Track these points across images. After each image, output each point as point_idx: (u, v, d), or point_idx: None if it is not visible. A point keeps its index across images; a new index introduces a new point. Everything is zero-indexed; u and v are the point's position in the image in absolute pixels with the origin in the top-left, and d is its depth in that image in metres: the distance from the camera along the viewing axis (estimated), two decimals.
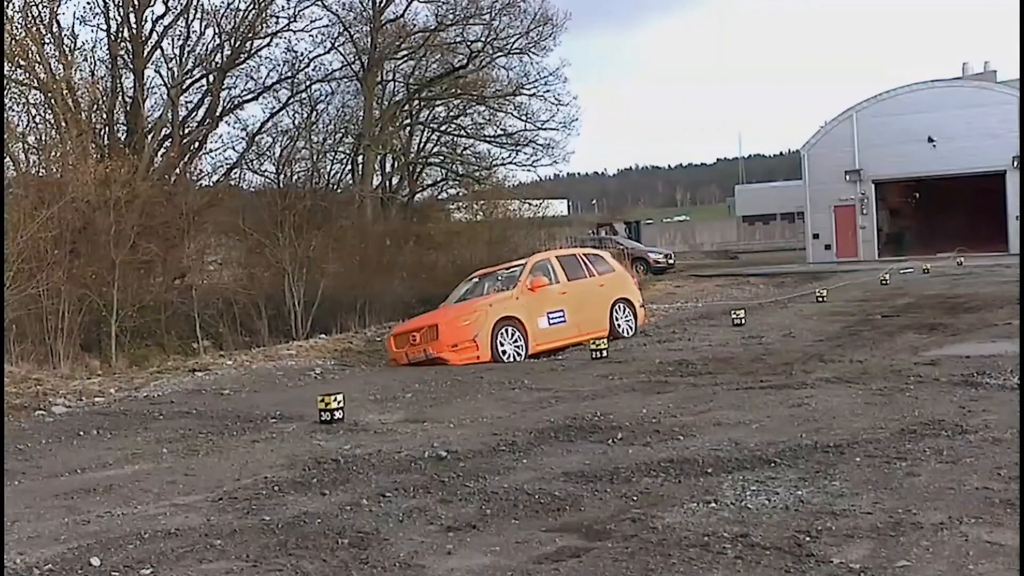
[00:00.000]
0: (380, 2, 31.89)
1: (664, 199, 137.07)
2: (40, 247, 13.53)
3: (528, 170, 37.19)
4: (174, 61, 25.74)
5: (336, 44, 30.99)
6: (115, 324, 15.22)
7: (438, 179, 36.12)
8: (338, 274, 21.77)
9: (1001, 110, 32.76)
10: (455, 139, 36.03)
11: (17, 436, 8.45)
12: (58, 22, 22.06)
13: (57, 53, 21.34)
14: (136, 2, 23.96)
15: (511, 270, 16.20)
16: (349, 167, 32.40)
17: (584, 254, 17.33)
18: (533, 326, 14.64)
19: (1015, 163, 32.29)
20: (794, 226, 56.47)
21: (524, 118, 34.61)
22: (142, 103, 24.25)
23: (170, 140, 25.02)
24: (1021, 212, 31.70)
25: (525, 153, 35.37)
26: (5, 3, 18.39)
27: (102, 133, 22.74)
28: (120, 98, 23.91)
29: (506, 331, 14.35)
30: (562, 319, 15.08)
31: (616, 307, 16.14)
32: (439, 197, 35.93)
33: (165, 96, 25.56)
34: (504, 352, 14.19)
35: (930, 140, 35.07)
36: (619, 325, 16.08)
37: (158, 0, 24.54)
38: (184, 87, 26.10)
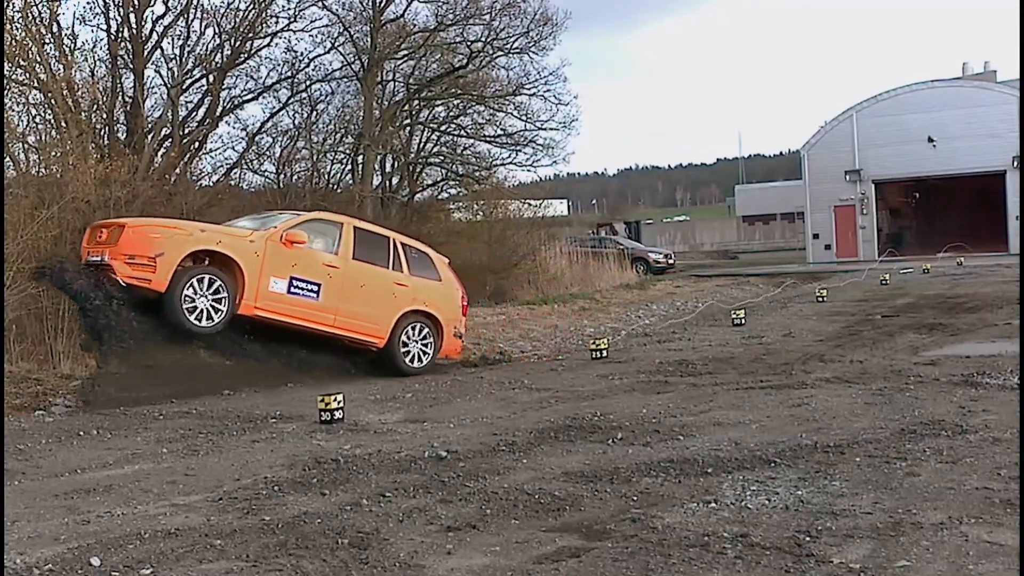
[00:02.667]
0: (380, 2, 31.87)
1: (664, 199, 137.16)
2: (40, 247, 13.52)
3: (528, 170, 37.14)
4: (174, 61, 25.71)
5: (336, 44, 30.96)
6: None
7: (438, 179, 36.09)
8: None
9: (1001, 110, 32.81)
10: (455, 139, 36.00)
11: (17, 436, 8.45)
12: (58, 22, 22.00)
13: (57, 53, 21.31)
14: (136, 2, 23.94)
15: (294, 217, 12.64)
16: (349, 167, 32.37)
17: (404, 243, 13.24)
18: (261, 284, 11.31)
19: (1015, 163, 32.31)
20: (794, 226, 56.54)
21: (524, 118, 34.59)
22: (142, 103, 24.23)
23: (170, 140, 24.99)
24: (1021, 212, 31.72)
25: (525, 153, 35.34)
26: (5, 3, 18.40)
27: (102, 133, 22.70)
28: (120, 98, 23.88)
29: (205, 280, 10.91)
30: (313, 294, 11.75)
31: (409, 322, 12.59)
32: (439, 197, 35.89)
33: (165, 96, 25.54)
34: (189, 301, 10.76)
35: (930, 140, 35.09)
36: (406, 347, 12.57)
37: (158, 0, 24.53)
38: (184, 87, 26.07)
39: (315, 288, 11.80)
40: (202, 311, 10.88)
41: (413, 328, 12.67)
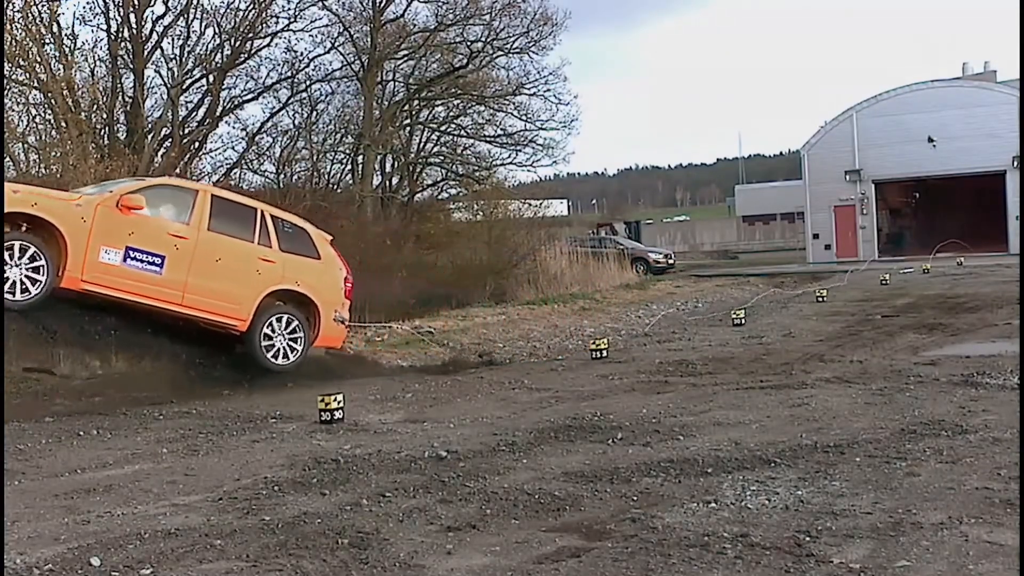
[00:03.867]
0: (380, 2, 31.91)
1: (664, 199, 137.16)
2: None
3: (528, 170, 37.23)
4: (174, 61, 25.75)
5: (336, 44, 31.02)
6: None
7: (438, 179, 36.15)
8: None
9: (1001, 110, 32.83)
10: (455, 139, 36.06)
11: (17, 436, 8.45)
12: (58, 22, 22.06)
13: (57, 53, 21.33)
14: (136, 2, 23.96)
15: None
16: (349, 167, 32.42)
17: (276, 216, 11.80)
18: (89, 253, 10.00)
19: (1015, 163, 32.32)
20: (794, 226, 56.55)
21: (524, 118, 34.66)
22: (142, 103, 24.26)
23: (170, 140, 25.02)
24: (1021, 212, 31.74)
25: (525, 153, 35.42)
26: (5, 3, 18.39)
27: (102, 133, 22.73)
28: (120, 98, 23.91)
29: (16, 247, 9.58)
30: (156, 267, 10.41)
31: (277, 311, 11.26)
32: (439, 197, 35.95)
33: (165, 96, 25.57)
34: None
35: (930, 140, 35.10)
36: (270, 338, 11.21)
37: (158, 0, 24.56)
38: (184, 87, 26.10)
39: (158, 260, 10.45)
40: (15, 282, 9.59)
41: (279, 320, 11.27)
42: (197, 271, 10.73)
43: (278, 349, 11.30)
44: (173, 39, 25.56)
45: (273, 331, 11.25)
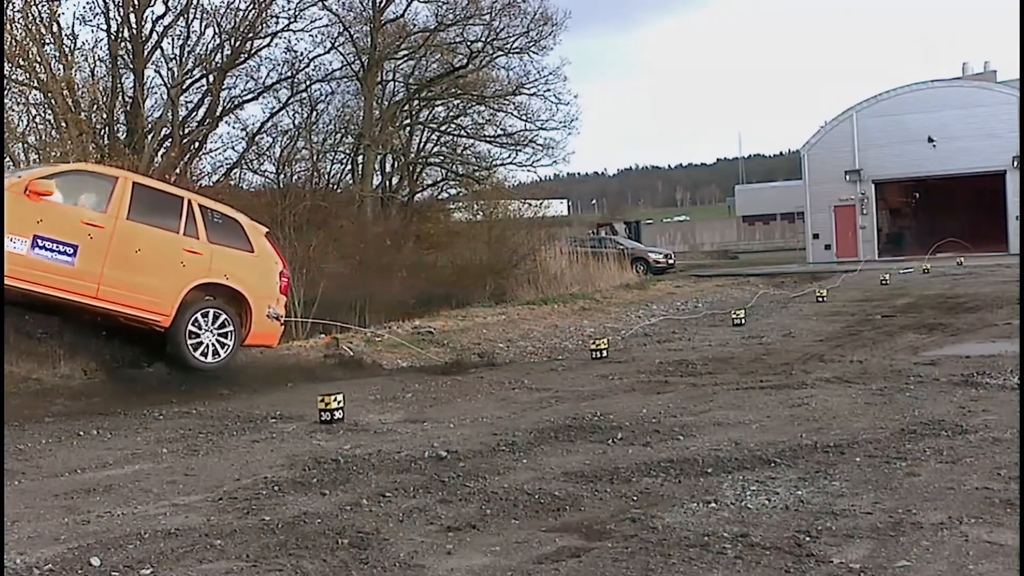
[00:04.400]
0: (380, 2, 31.94)
1: (664, 199, 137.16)
2: None
3: (528, 170, 37.26)
4: (174, 61, 25.77)
5: (336, 44, 31.07)
6: None
7: (438, 179, 36.18)
8: (338, 274, 21.78)
9: (1001, 110, 32.83)
10: (455, 139, 36.08)
11: (17, 436, 8.45)
12: (58, 22, 22.05)
13: (57, 53, 21.33)
14: (136, 2, 23.97)
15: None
16: (349, 167, 32.46)
17: (205, 206, 11.21)
18: None
19: (1015, 163, 32.32)
20: (794, 226, 56.53)
21: (524, 118, 34.71)
22: (142, 103, 24.27)
23: (170, 140, 25.04)
24: (1021, 212, 31.74)
25: (525, 153, 35.46)
26: (5, 3, 18.39)
27: (102, 133, 22.72)
28: (120, 98, 23.92)
29: None
30: (67, 258, 9.74)
31: (204, 306, 10.70)
32: (439, 197, 35.98)
33: (165, 96, 25.59)
34: None
35: (930, 140, 35.10)
36: (196, 335, 10.57)
37: (158, 0, 24.57)
38: (184, 87, 26.11)
39: (69, 250, 9.75)
40: None
41: (206, 316, 10.66)
42: (114, 262, 10.06)
43: (206, 346, 10.67)
44: (173, 39, 25.61)
45: (200, 327, 10.61)
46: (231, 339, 10.87)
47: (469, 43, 32.63)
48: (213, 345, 10.74)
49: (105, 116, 23.13)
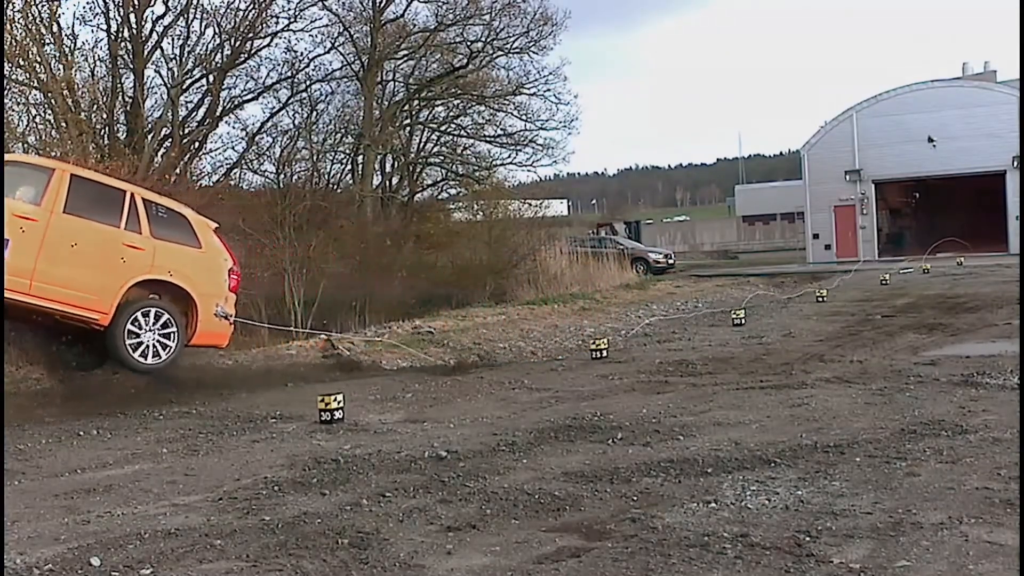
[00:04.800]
0: (380, 2, 31.94)
1: (664, 199, 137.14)
2: None
3: (528, 170, 37.26)
4: (174, 61, 25.77)
5: (336, 44, 31.08)
6: None
7: (438, 179, 36.18)
8: (338, 274, 21.78)
9: (1001, 110, 32.83)
10: (455, 139, 36.09)
11: (17, 436, 8.45)
12: (58, 22, 22.06)
13: (57, 53, 21.33)
14: (136, 2, 23.97)
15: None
16: (349, 167, 32.47)
17: (149, 200, 10.75)
18: None
19: (1015, 163, 32.32)
20: (794, 226, 56.52)
21: (524, 118, 34.71)
22: (142, 103, 24.27)
23: (170, 140, 25.04)
24: (1021, 212, 31.74)
25: (525, 153, 35.45)
26: (5, 3, 18.39)
27: (102, 133, 22.73)
28: (120, 98, 23.92)
29: None
30: None
31: (145, 304, 10.24)
32: (439, 197, 35.98)
33: (165, 96, 25.60)
34: None
35: (930, 140, 35.10)
36: (137, 334, 10.15)
37: (158, 0, 24.57)
38: (184, 87, 26.12)
39: None
40: None
41: (147, 314, 10.17)
42: (48, 257, 9.65)
43: (146, 346, 10.19)
44: (173, 39, 25.61)
45: (140, 326, 10.13)
46: (174, 340, 10.39)
47: (469, 43, 32.64)
48: (154, 346, 10.28)
49: (105, 116, 23.14)
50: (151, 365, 10.29)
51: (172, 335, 10.35)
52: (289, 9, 28.10)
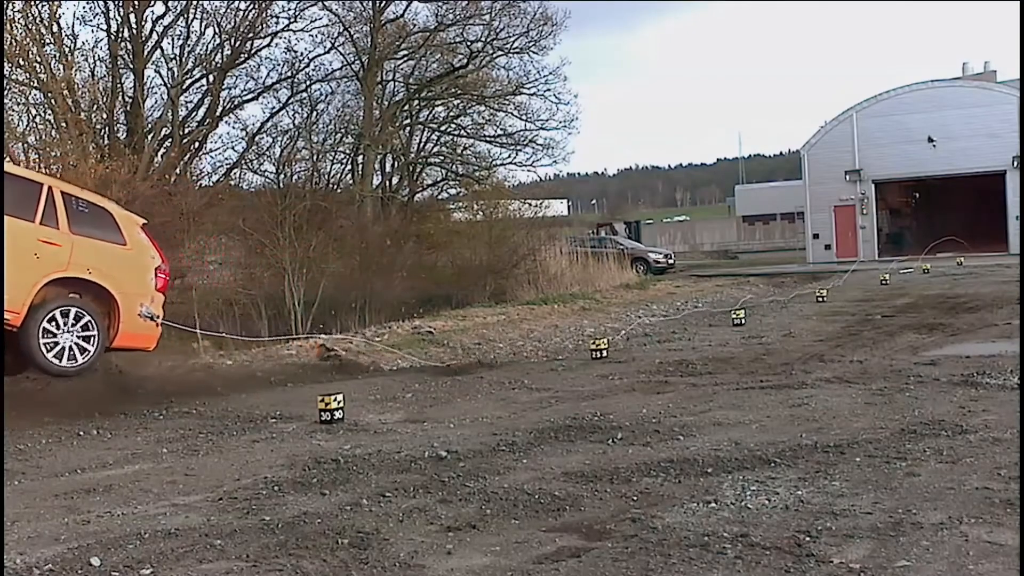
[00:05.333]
0: (380, 2, 31.92)
1: (664, 199, 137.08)
2: None
3: (528, 170, 37.21)
4: (174, 61, 25.76)
5: (336, 44, 31.04)
6: None
7: (438, 179, 36.14)
8: (338, 274, 21.77)
9: (1001, 110, 32.84)
10: (455, 139, 36.05)
11: (17, 436, 8.45)
12: (58, 22, 22.05)
13: (57, 53, 21.33)
14: (136, 2, 23.96)
15: None
16: (349, 167, 32.44)
17: (68, 193, 9.97)
18: None
19: (1015, 163, 32.33)
20: (794, 226, 56.48)
21: (524, 117, 34.66)
22: (142, 103, 24.27)
23: (170, 140, 25.04)
24: (1021, 212, 31.73)
25: (525, 153, 35.40)
26: (5, 3, 18.40)
27: (102, 133, 22.73)
28: (120, 98, 23.92)
29: None
30: None
31: (63, 303, 9.45)
32: (439, 197, 35.94)
33: (165, 96, 25.59)
34: None
35: (930, 140, 35.10)
36: (54, 334, 9.31)
37: (158, 0, 24.57)
38: (184, 87, 26.11)
39: None
40: None
41: (65, 314, 9.43)
42: None
43: (63, 348, 9.41)
44: (173, 39, 25.60)
45: (57, 327, 9.36)
46: (94, 343, 9.62)
47: (469, 43, 32.62)
48: (72, 348, 9.51)
49: (105, 116, 23.14)
50: (69, 367, 9.53)
51: (92, 338, 9.61)
52: (289, 9, 28.10)
